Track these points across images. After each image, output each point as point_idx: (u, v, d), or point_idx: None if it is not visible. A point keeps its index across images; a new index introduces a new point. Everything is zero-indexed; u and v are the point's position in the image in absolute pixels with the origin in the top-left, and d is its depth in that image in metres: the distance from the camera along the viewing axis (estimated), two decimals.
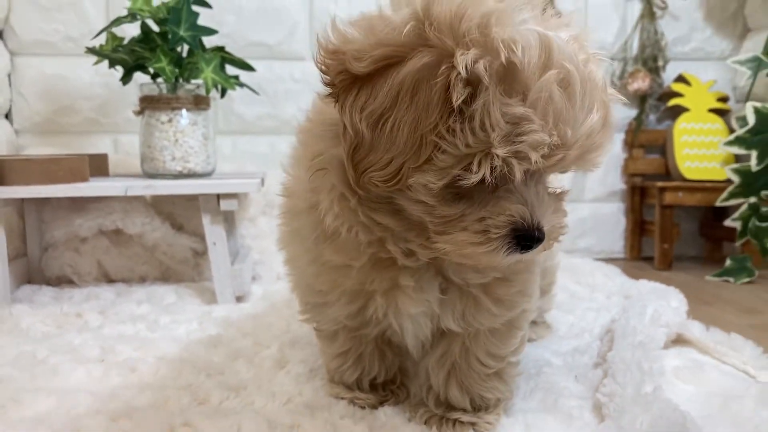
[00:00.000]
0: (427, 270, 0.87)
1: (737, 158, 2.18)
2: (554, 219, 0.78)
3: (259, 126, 2.21)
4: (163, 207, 1.77)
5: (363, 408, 1.02)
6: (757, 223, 1.93)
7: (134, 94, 2.13)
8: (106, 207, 1.69)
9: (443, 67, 0.68)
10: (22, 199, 1.69)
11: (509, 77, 0.68)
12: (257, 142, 2.22)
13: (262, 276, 1.83)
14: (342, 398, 1.04)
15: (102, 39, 1.66)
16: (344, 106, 0.72)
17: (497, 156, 0.68)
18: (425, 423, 0.97)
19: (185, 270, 1.78)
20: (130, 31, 1.76)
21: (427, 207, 0.76)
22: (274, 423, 0.94)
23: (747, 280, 1.93)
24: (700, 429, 0.88)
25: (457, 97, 0.67)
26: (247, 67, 1.69)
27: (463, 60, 0.67)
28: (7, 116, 2.10)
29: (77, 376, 1.13)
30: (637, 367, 0.99)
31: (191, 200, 1.79)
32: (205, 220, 1.57)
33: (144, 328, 1.40)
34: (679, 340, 1.30)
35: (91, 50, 1.62)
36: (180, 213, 1.79)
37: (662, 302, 1.26)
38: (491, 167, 0.69)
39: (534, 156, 0.68)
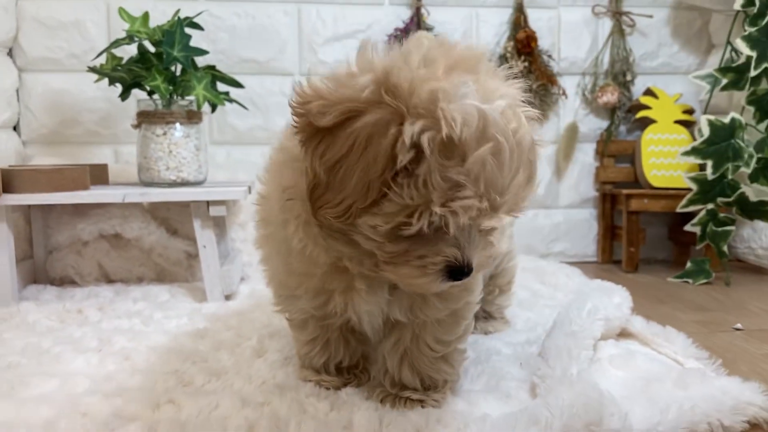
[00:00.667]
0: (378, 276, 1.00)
1: (700, 167, 2.32)
2: (483, 254, 0.93)
3: (252, 137, 2.36)
4: (158, 213, 1.92)
5: (328, 389, 1.15)
6: (714, 228, 2.06)
7: (133, 108, 2.28)
8: (106, 213, 1.84)
9: (393, 129, 0.80)
10: (29, 206, 1.83)
11: (450, 147, 0.79)
12: (250, 151, 2.36)
13: (250, 276, 1.97)
14: (309, 381, 1.17)
15: (103, 58, 1.81)
16: (308, 151, 0.85)
17: (435, 212, 0.82)
18: (381, 401, 1.10)
19: (179, 271, 1.93)
20: (129, 51, 1.91)
21: (376, 243, 0.89)
22: (248, 401, 1.08)
23: (704, 281, 2.06)
24: (617, 405, 1.01)
25: (402, 159, 0.80)
26: (236, 84, 1.84)
27: (409, 130, 0.79)
28: (15, 128, 2.25)
29: (77, 363, 1.27)
30: (567, 352, 1.13)
31: (185, 207, 1.93)
32: (196, 225, 1.71)
33: (139, 323, 1.54)
34: (623, 333, 1.44)
35: (92, 69, 1.77)
36: (174, 218, 1.93)
37: (604, 299, 1.40)
38: (429, 221, 0.84)
39: (464, 218, 0.83)
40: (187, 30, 1.74)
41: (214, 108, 1.81)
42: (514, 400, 1.11)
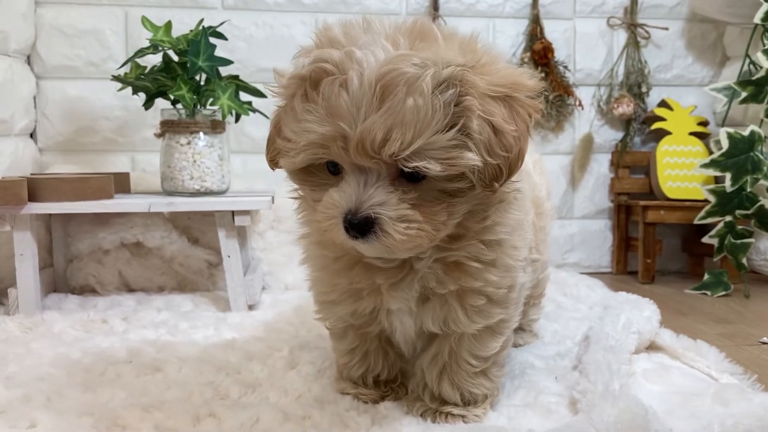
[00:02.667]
0: (405, 275, 1.02)
1: (716, 179, 2.33)
2: (385, 210, 0.89)
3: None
4: (180, 222, 1.91)
5: (366, 402, 1.16)
6: (733, 241, 2.07)
7: (151, 116, 2.28)
8: (127, 222, 1.83)
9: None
10: (50, 215, 1.82)
11: (317, 84, 0.89)
12: (263, 159, 2.35)
13: (271, 286, 1.96)
14: (347, 393, 1.17)
15: (126, 67, 1.81)
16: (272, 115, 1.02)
17: (291, 141, 0.91)
18: (421, 415, 1.11)
19: (200, 280, 1.92)
20: (151, 60, 1.90)
21: (304, 191, 1.00)
22: (288, 415, 1.07)
23: (723, 293, 2.07)
24: (661, 421, 1.01)
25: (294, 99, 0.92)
26: (259, 94, 1.84)
27: (296, 70, 0.94)
28: (32, 135, 2.24)
29: (108, 374, 1.27)
30: (607, 367, 1.13)
31: (206, 216, 1.93)
32: (221, 234, 1.71)
33: (165, 333, 1.54)
34: (652, 347, 1.44)
35: (116, 78, 1.77)
36: (196, 227, 1.93)
37: (635, 312, 1.40)
38: (304, 156, 0.91)
39: (305, 140, 0.88)
40: (211, 40, 1.74)
41: (237, 118, 1.81)
42: (555, 415, 1.11)
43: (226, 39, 1.81)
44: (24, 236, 1.61)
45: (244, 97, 1.86)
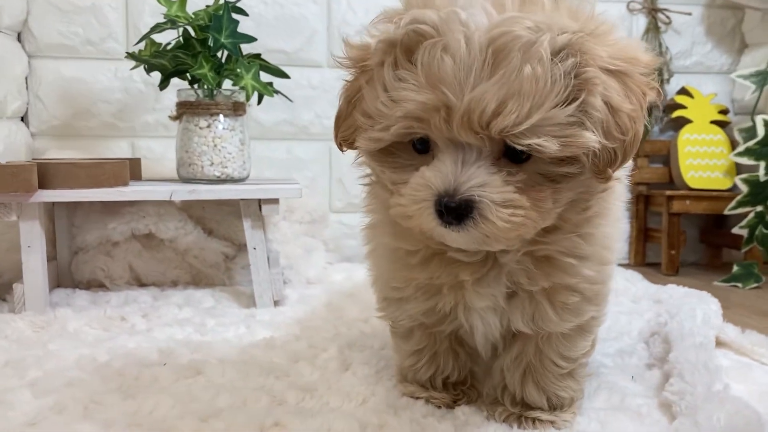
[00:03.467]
0: (490, 269, 0.92)
1: (738, 169, 2.27)
2: (488, 193, 0.78)
3: (277, 132, 2.23)
4: (194, 211, 1.78)
5: (439, 407, 1.05)
6: (765, 231, 2.01)
7: (153, 99, 2.15)
8: (139, 211, 1.70)
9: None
10: (53, 203, 1.68)
11: (413, 48, 0.78)
12: (275, 147, 2.23)
13: (291, 280, 1.84)
14: (418, 397, 1.07)
15: (135, 46, 1.67)
16: (343, 88, 0.91)
17: (385, 113, 0.79)
18: (504, 421, 1.01)
19: (216, 274, 1.80)
20: (160, 38, 1.77)
21: (383, 173, 0.87)
22: (363, 422, 0.97)
23: (755, 285, 2.01)
24: None
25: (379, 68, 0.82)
26: (282, 75, 1.72)
27: (384, 35, 0.82)
28: (23, 119, 2.08)
29: (145, 378, 1.14)
30: (704, 366, 1.05)
31: (221, 205, 1.80)
32: (246, 225, 1.59)
33: (192, 331, 1.41)
34: (717, 343, 1.36)
35: (131, 55, 1.63)
36: (210, 217, 1.80)
37: (705, 306, 1.32)
38: (396, 131, 0.80)
39: (400, 111, 0.78)
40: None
41: (260, 99, 1.69)
42: (648, 419, 1.02)
43: (247, 15, 1.69)
44: (32, 227, 1.47)
45: (263, 78, 1.74)
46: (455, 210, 0.78)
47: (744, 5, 2.34)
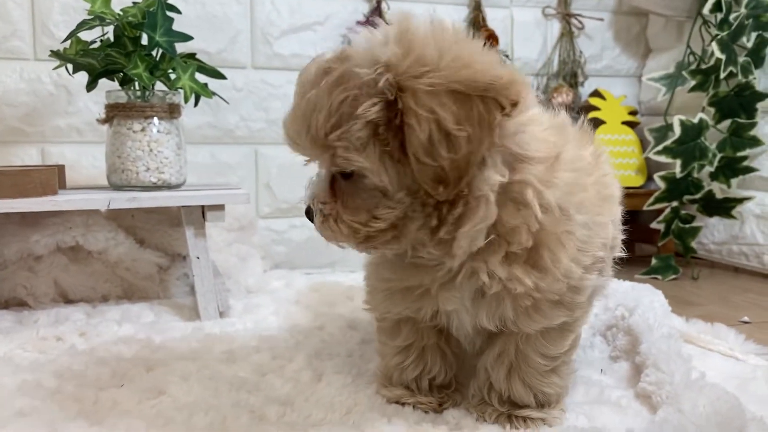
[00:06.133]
0: (451, 274, 0.93)
1: (649, 167, 2.40)
2: (316, 202, 0.92)
3: (199, 135, 2.14)
4: (122, 221, 1.67)
5: (426, 412, 1.04)
6: (681, 225, 2.13)
7: (65, 102, 2.01)
8: (65, 222, 1.57)
9: None
10: None
11: None
12: (197, 152, 2.13)
13: (230, 289, 1.76)
14: (404, 403, 1.05)
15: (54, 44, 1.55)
16: None
17: None
18: (495, 421, 1.01)
19: (150, 286, 1.69)
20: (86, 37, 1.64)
21: None
22: None
23: (673, 276, 2.12)
24: (750, 410, 0.98)
25: None
26: (219, 75, 1.64)
27: None
28: None
29: (104, 403, 1.05)
30: (677, 355, 1.08)
31: (151, 212, 1.70)
32: (189, 233, 1.51)
33: (140, 348, 1.32)
34: None
35: (55, 54, 1.51)
36: (141, 226, 1.69)
37: (657, 297, 1.37)
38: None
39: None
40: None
41: (197, 101, 1.60)
42: (630, 410, 1.04)
43: (180, 12, 1.60)
44: None
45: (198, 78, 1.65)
46: (307, 214, 0.95)
47: (648, 11, 2.46)
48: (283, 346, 1.32)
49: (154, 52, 1.53)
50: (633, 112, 2.52)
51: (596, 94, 2.50)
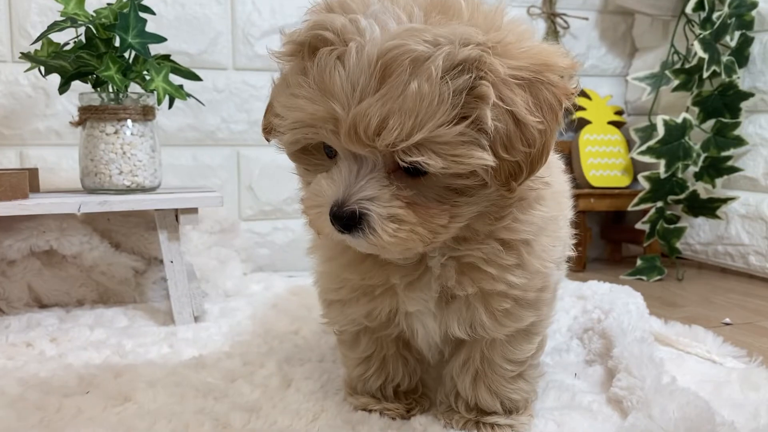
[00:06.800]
0: (422, 273, 0.91)
1: (635, 167, 2.38)
2: (374, 207, 0.78)
3: (181, 138, 2.12)
4: (97, 224, 1.65)
5: (394, 419, 1.02)
6: (666, 226, 2.11)
7: (43, 104, 1.99)
8: (39, 226, 1.55)
9: None
10: None
11: (312, 57, 0.77)
12: (178, 154, 2.12)
13: (208, 293, 1.75)
14: (371, 410, 1.03)
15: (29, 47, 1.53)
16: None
17: (276, 121, 0.81)
18: (462, 428, 0.99)
19: (126, 291, 1.67)
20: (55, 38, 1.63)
21: (298, 170, 0.89)
22: None
23: (658, 277, 2.11)
24: (720, 414, 0.96)
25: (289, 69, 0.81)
26: (194, 77, 1.62)
27: (292, 35, 0.81)
28: None
29: (68, 410, 1.04)
30: (649, 360, 1.07)
31: (128, 216, 1.69)
32: (162, 237, 1.49)
33: (111, 354, 1.30)
34: None
35: (26, 56, 1.49)
36: (116, 230, 1.67)
37: (633, 299, 1.36)
38: (291, 137, 0.81)
39: (292, 118, 0.77)
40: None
41: (171, 103, 1.58)
42: (601, 416, 1.03)
43: (154, 13, 1.58)
44: None
45: (173, 80, 1.64)
46: (343, 219, 0.79)
47: (634, 10, 2.45)
48: (255, 352, 1.30)
49: (127, 54, 1.51)
50: (619, 112, 2.50)
51: (582, 93, 2.49)
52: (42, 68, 1.53)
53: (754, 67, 2.10)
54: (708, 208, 2.09)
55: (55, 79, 1.66)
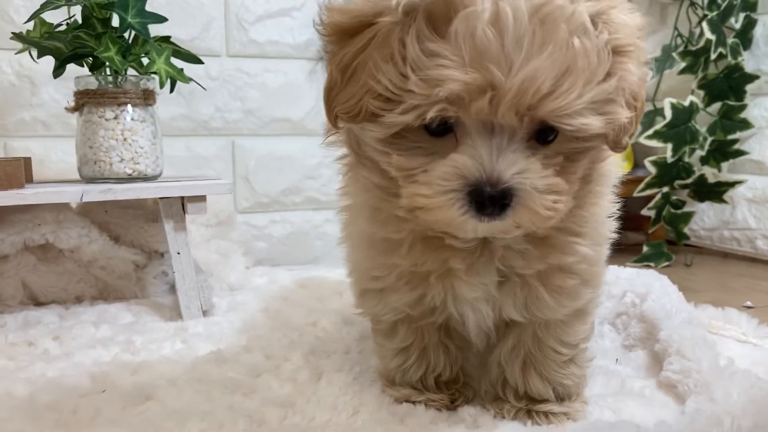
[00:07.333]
0: (481, 254, 0.84)
1: (635, 153, 2.35)
2: (531, 180, 0.71)
3: (174, 127, 2.03)
4: (95, 216, 1.56)
5: (440, 410, 0.96)
6: (673, 211, 2.08)
7: (29, 93, 1.89)
8: (34, 218, 1.45)
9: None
10: None
11: (441, 17, 0.68)
12: (172, 144, 2.02)
13: (213, 287, 1.67)
14: (416, 401, 0.96)
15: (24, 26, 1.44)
16: (329, 58, 0.76)
17: (413, 92, 0.68)
18: (514, 418, 0.93)
19: (126, 285, 1.58)
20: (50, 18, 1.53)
21: (387, 157, 0.75)
22: None
23: (666, 264, 2.07)
24: None
25: (393, 38, 0.70)
26: (196, 60, 1.54)
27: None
28: None
29: (85, 411, 0.95)
30: (703, 341, 1.02)
31: (126, 207, 1.60)
32: (168, 228, 1.41)
33: (121, 351, 1.22)
34: None
35: (18, 36, 1.40)
36: (115, 222, 1.58)
37: (665, 282, 1.32)
38: (419, 112, 0.69)
39: (444, 91, 0.66)
40: None
41: (173, 87, 1.50)
42: (656, 401, 0.98)
43: None
44: None
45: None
46: (499, 200, 0.70)
47: None
48: (276, 345, 1.23)
49: (126, 35, 1.43)
50: None
51: None
52: (33, 51, 1.44)
53: (757, 49, 2.08)
54: (715, 192, 2.07)
55: (42, 66, 1.57)
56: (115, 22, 1.42)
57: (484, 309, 0.89)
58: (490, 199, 0.69)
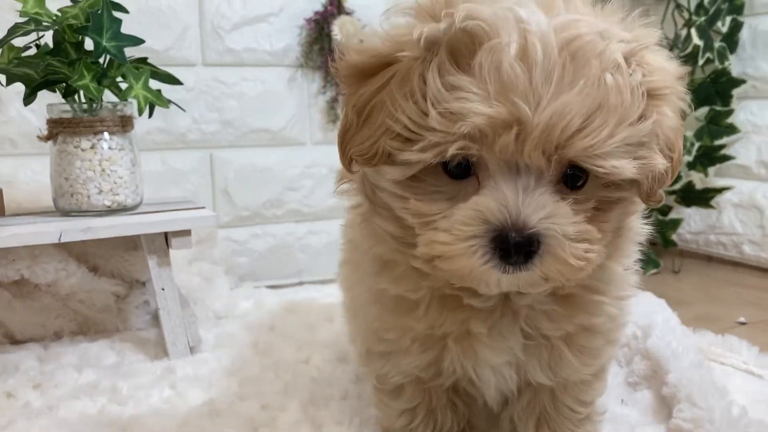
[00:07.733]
0: (503, 315, 0.79)
1: None
2: (560, 226, 0.65)
3: (149, 141, 1.95)
4: (73, 247, 1.48)
5: None
6: (661, 217, 2.07)
7: None
8: (7, 254, 1.38)
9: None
10: None
11: (465, 50, 0.64)
12: (147, 159, 1.94)
13: (198, 317, 1.60)
14: None
15: None
16: (344, 100, 0.73)
17: (434, 128, 0.64)
18: None
19: (107, 318, 1.52)
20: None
21: (404, 202, 0.70)
22: None
23: (654, 271, 2.06)
24: None
25: (413, 74, 0.66)
26: (174, 81, 1.48)
27: (420, 30, 0.66)
28: None
29: None
30: (713, 388, 1.00)
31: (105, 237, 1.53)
32: (152, 263, 1.34)
33: (107, 402, 1.16)
34: None
35: None
36: (93, 252, 1.51)
37: (666, 312, 1.29)
38: (439, 150, 0.64)
39: (468, 125, 0.62)
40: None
41: (151, 112, 1.43)
42: None
43: (128, 12, 1.42)
44: None
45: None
46: (525, 246, 0.64)
47: None
48: (270, 391, 1.18)
49: (101, 59, 1.35)
50: None
51: None
52: (2, 77, 1.35)
53: (743, 52, 2.05)
54: (702, 198, 2.06)
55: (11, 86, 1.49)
56: (89, 45, 1.35)
57: (507, 373, 0.85)
58: (515, 246, 0.64)
